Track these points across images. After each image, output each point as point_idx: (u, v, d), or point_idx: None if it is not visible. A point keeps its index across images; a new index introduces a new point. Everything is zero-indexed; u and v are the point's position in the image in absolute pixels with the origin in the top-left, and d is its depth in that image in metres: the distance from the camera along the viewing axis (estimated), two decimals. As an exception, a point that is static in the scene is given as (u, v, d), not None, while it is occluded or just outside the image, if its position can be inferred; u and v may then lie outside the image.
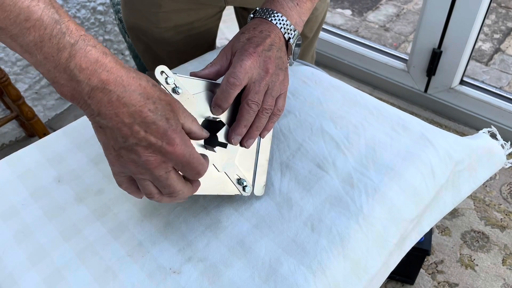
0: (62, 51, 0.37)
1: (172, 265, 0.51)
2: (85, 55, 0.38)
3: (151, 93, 0.41)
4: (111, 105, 0.39)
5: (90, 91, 0.38)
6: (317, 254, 0.50)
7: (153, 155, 0.41)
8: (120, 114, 0.39)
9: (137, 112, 0.39)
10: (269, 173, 0.59)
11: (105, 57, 0.39)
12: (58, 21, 0.37)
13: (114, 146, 0.41)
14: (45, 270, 0.51)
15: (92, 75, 0.38)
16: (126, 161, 0.42)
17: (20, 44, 0.37)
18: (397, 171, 0.57)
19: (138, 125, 0.40)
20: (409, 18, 2.28)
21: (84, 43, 0.38)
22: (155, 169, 0.42)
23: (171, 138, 0.41)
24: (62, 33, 0.37)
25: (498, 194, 1.40)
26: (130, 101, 0.39)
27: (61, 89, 0.39)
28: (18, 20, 0.36)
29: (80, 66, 0.38)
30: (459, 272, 1.22)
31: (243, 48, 0.52)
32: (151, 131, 0.40)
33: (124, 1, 0.84)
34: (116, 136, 0.41)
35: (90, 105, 0.39)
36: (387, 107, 0.68)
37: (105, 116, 0.39)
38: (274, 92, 0.53)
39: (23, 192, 0.60)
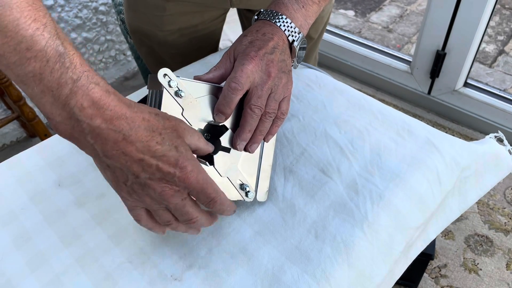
0: (63, 87, 0.35)
1: (173, 272, 0.50)
2: (87, 93, 0.36)
3: (155, 124, 0.40)
4: (118, 145, 0.38)
5: (92, 131, 0.37)
6: (321, 262, 0.49)
7: (168, 185, 0.41)
8: (128, 152, 0.38)
9: (146, 147, 0.38)
10: (272, 178, 0.59)
11: (108, 96, 0.37)
12: (62, 54, 0.35)
13: (126, 183, 0.41)
14: (44, 277, 0.51)
15: (95, 115, 0.36)
16: (140, 195, 0.41)
17: (16, 73, 0.35)
18: (402, 177, 0.56)
19: (149, 160, 0.39)
20: (412, 19, 2.27)
21: (87, 80, 0.36)
22: (171, 198, 0.41)
23: (183, 166, 0.40)
24: (65, 68, 0.35)
25: (502, 198, 1.39)
26: (137, 138, 0.38)
27: (57, 127, 0.37)
28: (18, 48, 0.34)
29: (82, 105, 0.36)
30: (462, 276, 1.21)
31: (245, 51, 0.51)
32: (163, 162, 0.39)
33: (127, 4, 0.83)
34: (126, 174, 0.40)
35: (93, 145, 0.38)
36: (392, 111, 0.67)
37: (112, 156, 0.38)
38: (277, 96, 0.52)
39: (22, 196, 0.59)
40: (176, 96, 0.47)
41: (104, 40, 1.81)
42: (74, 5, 1.65)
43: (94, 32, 1.76)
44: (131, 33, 0.88)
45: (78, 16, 1.67)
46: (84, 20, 1.70)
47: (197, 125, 0.49)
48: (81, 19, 1.69)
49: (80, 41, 1.72)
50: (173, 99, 0.47)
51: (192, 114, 0.49)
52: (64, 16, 1.63)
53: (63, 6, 1.62)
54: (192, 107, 0.49)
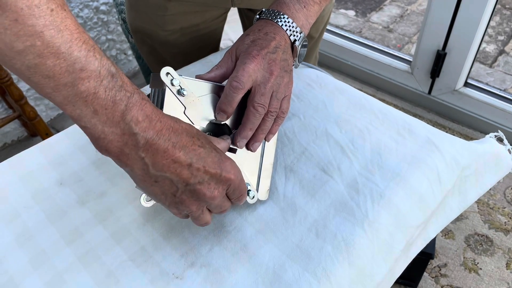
0: (119, 104, 0.37)
1: (175, 270, 0.51)
2: (142, 108, 0.38)
3: (192, 131, 0.42)
4: (167, 153, 0.40)
5: (146, 143, 0.39)
6: (321, 260, 0.50)
7: (216, 187, 0.43)
8: (177, 159, 0.40)
9: (192, 151, 0.41)
10: (273, 177, 0.59)
11: (156, 110, 0.40)
12: (114, 74, 0.37)
13: (175, 193, 0.43)
14: (47, 275, 0.51)
15: (148, 128, 0.38)
16: (187, 204, 0.43)
17: (65, 95, 0.35)
18: (403, 176, 0.57)
19: (196, 163, 0.41)
20: (413, 19, 2.27)
21: (139, 96, 0.39)
22: (217, 200, 0.44)
23: (225, 166, 0.43)
24: (118, 86, 0.37)
25: (502, 197, 1.40)
26: (183, 143, 0.40)
27: (107, 145, 0.38)
28: (71, 69, 0.34)
29: (137, 119, 0.38)
30: (462, 275, 1.21)
31: (247, 51, 0.51)
32: (209, 165, 0.42)
33: (129, 4, 0.83)
34: (176, 183, 0.41)
35: (144, 158, 0.39)
36: (392, 111, 0.67)
37: (161, 166, 0.40)
38: (279, 95, 0.53)
39: (24, 195, 0.60)
40: (178, 95, 0.47)
41: (105, 39, 1.82)
42: (75, 4, 1.65)
43: (95, 31, 1.76)
44: (132, 32, 0.88)
45: (79, 15, 1.68)
46: (85, 20, 1.70)
47: (199, 123, 0.50)
48: (82, 18, 1.69)
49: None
50: (175, 98, 0.47)
51: (194, 112, 0.49)
52: (65, 15, 1.63)
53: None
54: (194, 106, 0.49)
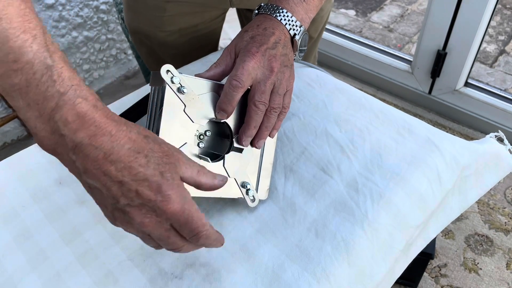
0: (49, 100, 0.34)
1: (174, 270, 0.50)
2: (73, 107, 0.34)
3: (142, 145, 0.37)
4: (97, 162, 0.35)
5: (75, 147, 0.35)
6: (321, 260, 0.49)
7: (148, 215, 0.37)
8: (108, 172, 0.35)
9: (126, 169, 0.35)
10: (273, 177, 0.59)
11: (95, 111, 0.35)
12: (50, 67, 0.34)
13: (107, 207, 0.38)
14: (45, 274, 0.51)
15: (78, 130, 0.34)
16: (122, 222, 0.39)
17: (2, 85, 0.34)
18: (402, 176, 0.56)
19: (128, 183, 0.36)
20: (413, 19, 2.27)
21: (75, 93, 0.35)
22: (153, 230, 0.39)
23: (166, 195, 0.37)
24: (52, 81, 0.34)
25: (503, 198, 1.39)
26: (118, 157, 0.35)
27: (41, 141, 0.36)
28: (6, 59, 0.33)
29: (66, 119, 0.34)
30: (462, 276, 1.21)
31: (246, 47, 0.51)
32: (143, 188, 0.36)
33: (127, 5, 0.83)
34: (107, 197, 0.37)
35: (75, 161, 0.36)
36: (392, 111, 0.67)
37: (92, 175, 0.36)
38: (281, 90, 0.52)
39: (23, 194, 0.59)
40: (178, 93, 0.47)
41: (105, 39, 1.82)
42: (75, 3, 1.65)
43: (95, 31, 1.76)
44: (131, 33, 0.88)
45: (79, 15, 1.68)
46: (85, 19, 1.70)
47: (199, 121, 0.50)
48: (82, 18, 1.69)
49: (81, 40, 1.73)
50: (175, 96, 0.47)
51: (194, 110, 0.49)
52: (65, 15, 1.63)
53: (64, 5, 1.62)
54: (194, 104, 0.49)
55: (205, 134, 0.51)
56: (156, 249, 0.43)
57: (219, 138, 0.54)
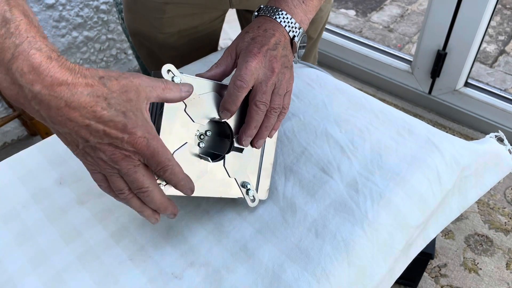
0: (6, 52, 0.35)
1: (174, 270, 0.51)
2: (28, 58, 0.35)
3: (100, 89, 0.38)
4: (61, 111, 0.37)
5: (35, 98, 0.36)
6: (321, 260, 0.50)
7: (117, 150, 0.40)
8: (74, 118, 0.37)
9: (91, 113, 0.38)
10: (273, 177, 0.59)
11: (49, 62, 0.36)
12: (8, 20, 0.35)
13: (78, 146, 0.40)
14: (46, 274, 0.51)
15: (35, 81, 0.36)
16: (93, 157, 0.41)
17: None
18: (402, 176, 0.57)
19: (95, 125, 0.38)
20: (413, 19, 2.27)
21: (30, 45, 0.35)
22: (122, 162, 0.41)
23: (131, 132, 0.40)
24: (9, 33, 0.35)
25: (503, 198, 1.39)
26: (79, 104, 0.37)
27: (4, 92, 0.37)
28: None
29: (22, 70, 0.35)
30: (462, 276, 1.21)
31: (247, 48, 0.51)
32: (110, 128, 0.39)
33: (127, 7, 0.83)
34: (76, 138, 0.39)
35: (39, 111, 0.37)
36: (392, 111, 0.67)
37: (58, 122, 0.38)
38: (281, 91, 0.53)
39: (24, 194, 0.59)
40: None
41: (105, 39, 1.82)
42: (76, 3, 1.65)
43: (95, 31, 1.76)
44: (131, 35, 0.88)
45: (79, 15, 1.68)
46: (85, 19, 1.70)
47: (200, 121, 0.50)
48: (82, 18, 1.69)
49: (81, 40, 1.73)
50: None
51: (195, 110, 0.49)
52: (65, 15, 1.63)
53: (65, 5, 1.62)
54: (195, 104, 0.49)
55: (205, 134, 0.51)
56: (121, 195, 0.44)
57: (219, 138, 0.54)
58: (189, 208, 0.57)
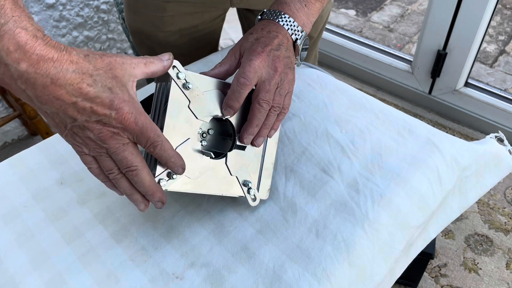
0: None
1: (175, 270, 0.51)
2: (14, 37, 0.35)
3: (85, 66, 0.38)
4: (47, 89, 0.37)
5: (21, 76, 0.36)
6: (321, 260, 0.50)
7: (105, 127, 0.40)
8: (60, 96, 0.37)
9: (77, 90, 0.38)
10: (274, 177, 0.59)
11: (35, 40, 0.36)
12: None
13: (66, 126, 0.40)
14: (47, 274, 0.51)
15: (21, 59, 0.36)
16: (82, 138, 0.41)
17: None
18: (403, 176, 0.57)
19: (82, 102, 0.38)
20: (413, 19, 2.27)
21: (15, 24, 0.36)
22: (110, 140, 0.41)
23: (119, 108, 0.39)
24: None
25: (503, 198, 1.39)
26: (65, 81, 0.37)
27: None
28: None
29: (8, 49, 0.35)
30: (462, 275, 1.21)
31: (251, 48, 0.52)
32: (97, 104, 0.39)
33: (128, 5, 0.83)
34: (64, 118, 0.39)
35: (25, 90, 0.37)
36: (393, 111, 0.67)
37: (44, 101, 0.38)
38: (282, 91, 0.53)
39: (25, 194, 0.60)
40: (183, 88, 0.47)
41: (106, 38, 1.82)
42: (76, 3, 1.65)
43: (95, 30, 1.76)
44: (131, 34, 0.88)
45: (79, 14, 1.68)
46: (85, 19, 1.70)
47: (203, 118, 0.50)
48: (83, 17, 1.69)
49: (81, 40, 1.73)
50: (180, 92, 0.47)
51: (198, 107, 0.49)
52: (65, 14, 1.63)
53: (65, 5, 1.62)
54: (199, 100, 0.49)
55: (208, 132, 0.51)
56: (110, 175, 0.44)
57: (221, 137, 0.54)
58: (190, 208, 0.57)
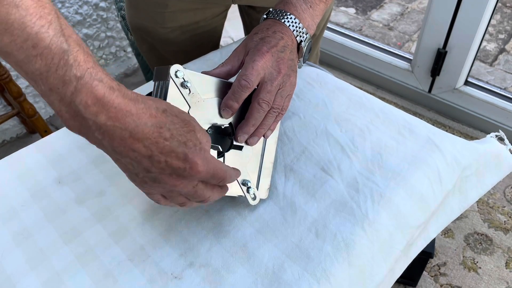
0: (68, 85, 0.35)
1: (174, 270, 0.50)
2: (91, 90, 0.36)
3: (163, 120, 0.39)
4: (125, 142, 0.37)
5: (99, 129, 0.37)
6: (321, 260, 0.49)
7: (178, 179, 0.41)
8: (137, 149, 0.38)
9: (154, 144, 0.38)
10: (273, 177, 0.58)
11: (112, 92, 0.37)
12: (66, 51, 0.35)
13: (138, 175, 0.41)
14: (44, 274, 0.51)
15: (99, 112, 0.36)
16: (152, 186, 0.42)
17: (25, 71, 0.35)
18: (403, 176, 0.56)
19: (157, 156, 0.39)
20: (413, 17, 2.27)
21: (91, 77, 0.36)
22: (183, 188, 0.42)
23: (193, 161, 0.40)
24: (69, 65, 0.35)
25: (502, 197, 1.39)
26: (144, 135, 0.38)
27: (67, 123, 0.38)
28: (25, 46, 0.34)
29: (86, 103, 0.36)
30: (462, 274, 1.21)
31: (256, 47, 0.51)
32: (172, 158, 0.39)
33: (129, 2, 0.83)
34: (138, 168, 0.40)
35: (102, 140, 0.38)
36: (393, 110, 0.67)
37: (120, 152, 0.38)
38: (284, 93, 0.53)
39: (23, 193, 0.59)
40: (181, 87, 0.47)
41: (105, 36, 1.81)
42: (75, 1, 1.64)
43: (94, 28, 1.75)
44: (132, 30, 0.87)
45: (78, 12, 1.67)
46: (84, 17, 1.70)
47: (202, 125, 0.49)
48: (82, 15, 1.69)
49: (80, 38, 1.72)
50: (179, 93, 0.47)
51: (198, 113, 0.49)
52: (64, 12, 1.62)
53: (64, 2, 1.61)
54: (199, 107, 0.49)
55: (207, 131, 0.51)
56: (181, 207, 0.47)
57: (220, 137, 0.53)
58: (188, 208, 0.56)
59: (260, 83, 0.51)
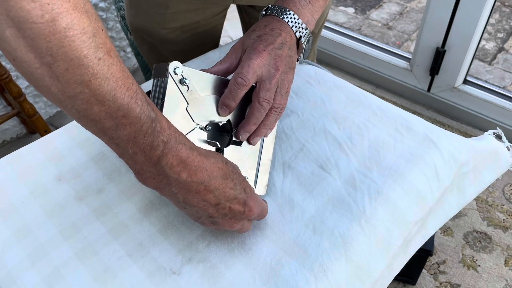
0: (156, 149, 0.38)
1: (172, 266, 0.51)
2: (177, 153, 0.39)
3: (227, 172, 0.44)
4: (199, 194, 0.42)
5: (178, 184, 0.41)
6: (318, 256, 0.50)
7: (235, 221, 0.47)
8: (208, 199, 0.43)
9: (221, 194, 0.43)
10: (271, 174, 0.59)
11: (192, 153, 0.41)
12: (154, 120, 0.38)
13: (200, 218, 0.46)
14: (44, 270, 0.51)
15: (182, 171, 0.40)
16: (210, 226, 0.48)
17: (110, 136, 0.37)
18: (400, 173, 0.57)
19: (223, 204, 0.44)
20: (412, 17, 2.27)
21: (176, 141, 0.40)
22: (236, 227, 0.48)
23: (250, 206, 0.46)
24: (156, 131, 0.38)
25: (501, 195, 1.40)
26: (215, 187, 0.42)
27: (145, 181, 0.41)
28: (115, 115, 0.36)
29: (171, 164, 0.39)
30: (461, 272, 1.21)
31: (253, 45, 0.51)
32: (234, 205, 0.45)
33: (129, 2, 0.83)
34: (202, 213, 0.45)
35: (176, 194, 0.42)
36: (391, 108, 0.67)
37: (191, 202, 0.43)
38: (283, 90, 0.53)
39: (23, 190, 0.60)
40: (180, 84, 0.47)
41: (104, 36, 1.81)
42: (74, 1, 1.64)
43: (94, 28, 1.76)
44: (132, 31, 0.88)
45: (78, 12, 1.67)
46: (84, 16, 1.70)
47: (200, 122, 0.50)
48: (81, 15, 1.69)
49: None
50: (178, 90, 0.47)
51: (196, 110, 0.49)
52: (64, 12, 1.63)
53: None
54: (197, 104, 0.49)
55: (205, 128, 0.51)
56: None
57: (218, 133, 0.54)
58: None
59: (258, 81, 0.51)
